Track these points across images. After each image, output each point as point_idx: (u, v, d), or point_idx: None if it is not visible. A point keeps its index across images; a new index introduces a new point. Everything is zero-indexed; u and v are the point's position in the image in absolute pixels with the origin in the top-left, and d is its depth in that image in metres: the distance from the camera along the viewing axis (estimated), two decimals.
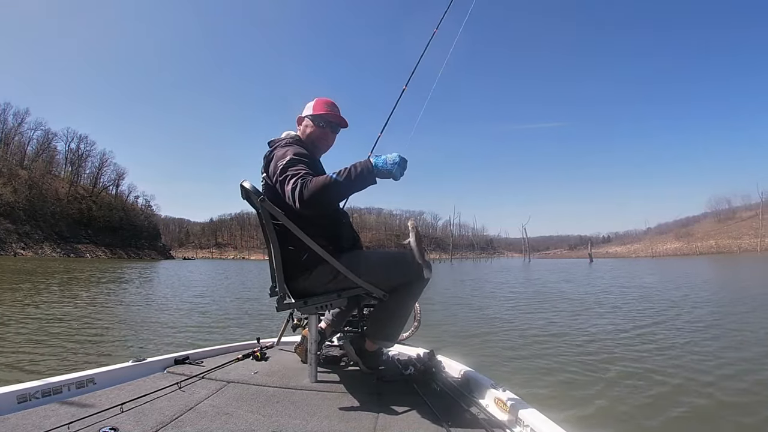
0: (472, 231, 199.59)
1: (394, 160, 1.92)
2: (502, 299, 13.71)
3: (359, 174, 1.91)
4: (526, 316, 9.89)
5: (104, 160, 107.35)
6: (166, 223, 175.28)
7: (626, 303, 11.84)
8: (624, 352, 5.97)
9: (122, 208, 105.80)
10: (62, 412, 1.71)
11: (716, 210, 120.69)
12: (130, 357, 2.39)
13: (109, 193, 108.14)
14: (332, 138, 2.46)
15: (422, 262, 2.08)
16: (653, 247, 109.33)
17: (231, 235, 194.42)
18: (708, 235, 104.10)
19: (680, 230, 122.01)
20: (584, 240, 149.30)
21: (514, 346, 6.60)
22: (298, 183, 1.90)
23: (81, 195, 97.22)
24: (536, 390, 4.39)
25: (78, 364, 5.16)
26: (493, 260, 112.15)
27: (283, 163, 2.04)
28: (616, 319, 9.08)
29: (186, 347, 3.47)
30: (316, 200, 1.88)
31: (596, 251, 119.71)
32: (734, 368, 5.08)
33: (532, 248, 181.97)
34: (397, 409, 1.87)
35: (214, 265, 60.30)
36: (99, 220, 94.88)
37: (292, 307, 2.26)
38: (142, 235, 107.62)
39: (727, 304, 11.17)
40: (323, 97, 2.45)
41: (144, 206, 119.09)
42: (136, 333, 7.57)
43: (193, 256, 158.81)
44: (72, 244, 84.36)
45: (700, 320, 8.59)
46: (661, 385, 4.51)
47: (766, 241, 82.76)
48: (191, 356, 2.59)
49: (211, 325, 8.76)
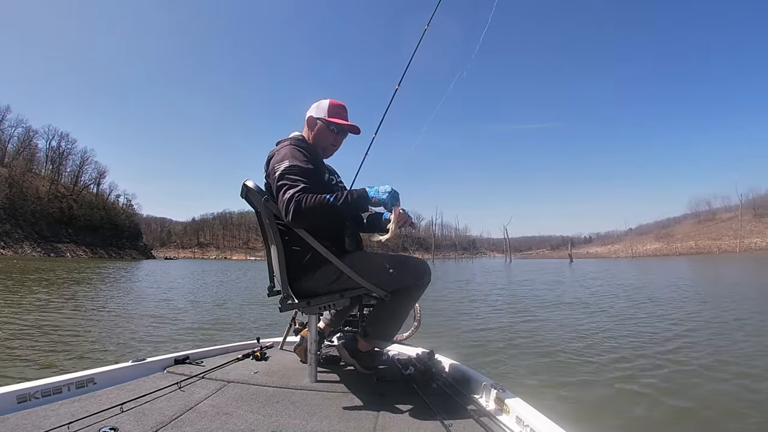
0: (455, 231, 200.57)
1: (386, 190, 2.05)
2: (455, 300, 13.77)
3: (354, 200, 2.01)
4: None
5: (85, 158, 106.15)
6: (148, 223, 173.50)
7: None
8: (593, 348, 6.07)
9: (103, 206, 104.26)
10: (62, 412, 1.70)
11: (696, 211, 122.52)
12: (129, 357, 2.37)
13: (90, 191, 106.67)
14: (341, 143, 2.47)
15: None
16: (633, 247, 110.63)
17: (213, 234, 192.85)
18: (688, 236, 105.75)
19: (660, 231, 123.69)
20: (566, 240, 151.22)
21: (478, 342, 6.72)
22: (294, 196, 1.92)
23: (62, 193, 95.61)
24: (536, 389, 4.41)
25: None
26: (475, 260, 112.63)
27: (280, 169, 2.05)
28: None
29: (186, 347, 3.43)
30: (309, 218, 1.97)
31: (577, 252, 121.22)
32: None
33: (514, 248, 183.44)
34: (397, 409, 1.87)
35: (198, 265, 59.38)
36: (80, 219, 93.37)
37: (295, 308, 2.26)
38: (123, 234, 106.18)
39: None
40: (336, 100, 2.43)
41: (125, 205, 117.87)
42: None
43: (175, 255, 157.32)
44: (52, 244, 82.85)
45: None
46: (661, 385, 4.53)
47: (745, 242, 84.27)
48: (191, 356, 2.58)
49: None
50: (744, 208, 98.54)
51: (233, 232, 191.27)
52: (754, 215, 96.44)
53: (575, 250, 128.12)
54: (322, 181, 2.25)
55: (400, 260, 2.27)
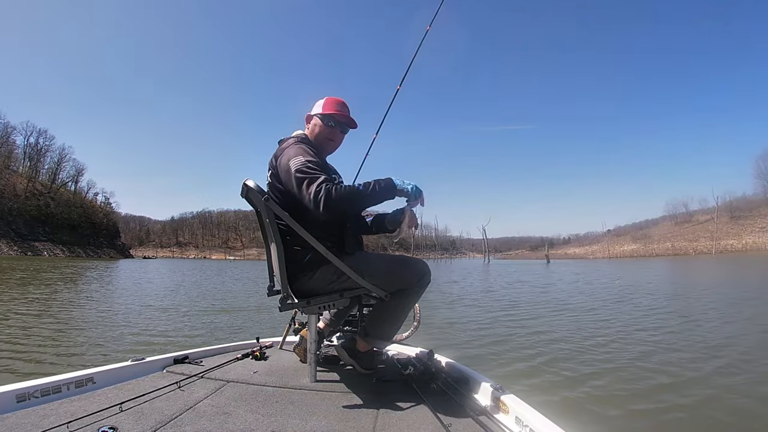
0: (435, 231, 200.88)
1: (410, 183, 2.12)
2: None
3: (382, 189, 2.06)
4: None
5: (63, 155, 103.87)
6: (126, 221, 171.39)
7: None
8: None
9: (81, 205, 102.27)
10: (61, 411, 1.69)
11: (674, 213, 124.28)
12: (128, 356, 2.35)
13: (68, 189, 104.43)
14: (340, 138, 2.45)
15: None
16: (611, 248, 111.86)
17: (192, 234, 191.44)
18: (665, 237, 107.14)
19: (637, 232, 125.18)
20: (545, 241, 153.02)
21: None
22: (322, 188, 1.92)
23: (39, 191, 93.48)
24: (535, 389, 4.45)
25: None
26: (454, 261, 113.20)
27: (297, 164, 2.04)
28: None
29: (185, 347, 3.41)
30: (341, 207, 1.98)
31: (555, 252, 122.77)
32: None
33: (495, 249, 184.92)
34: (396, 409, 1.88)
35: (179, 265, 58.61)
36: (57, 218, 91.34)
37: (295, 308, 2.25)
38: (101, 233, 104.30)
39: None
40: (333, 96, 2.43)
41: (103, 203, 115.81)
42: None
43: (154, 255, 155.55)
44: (29, 242, 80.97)
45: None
46: (661, 385, 4.57)
47: (721, 243, 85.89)
48: (190, 356, 2.57)
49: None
50: (720, 211, 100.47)
51: (212, 231, 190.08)
52: (731, 217, 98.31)
53: (554, 250, 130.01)
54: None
55: (401, 261, 2.29)
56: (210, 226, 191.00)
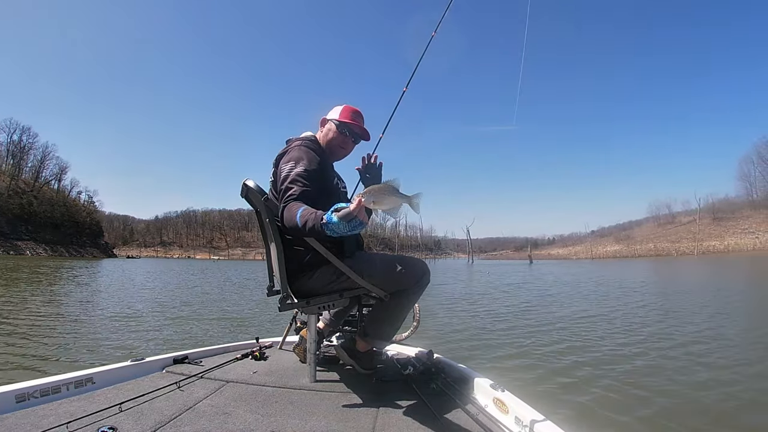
0: (420, 231, 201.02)
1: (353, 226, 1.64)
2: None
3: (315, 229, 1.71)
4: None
5: (46, 153, 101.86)
6: (110, 220, 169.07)
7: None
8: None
9: (64, 203, 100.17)
10: (61, 411, 1.69)
11: (657, 214, 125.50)
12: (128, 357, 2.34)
13: (51, 187, 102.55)
14: (351, 147, 2.46)
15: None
16: (594, 249, 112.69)
17: (177, 233, 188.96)
18: (647, 238, 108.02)
19: (620, 233, 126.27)
20: (530, 242, 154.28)
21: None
22: (285, 207, 1.91)
23: (22, 189, 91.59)
24: (535, 389, 4.44)
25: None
26: (438, 261, 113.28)
27: (289, 172, 2.04)
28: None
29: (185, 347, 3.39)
30: (292, 233, 1.96)
31: (539, 253, 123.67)
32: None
33: (480, 249, 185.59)
34: (396, 409, 1.89)
35: (164, 265, 58.02)
36: (40, 216, 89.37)
37: (294, 307, 2.25)
38: (84, 232, 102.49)
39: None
40: (351, 105, 2.44)
41: (87, 202, 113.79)
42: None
43: (138, 254, 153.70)
44: (12, 241, 79.36)
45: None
46: (661, 384, 4.59)
47: (703, 245, 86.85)
48: (190, 356, 2.57)
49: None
50: (703, 212, 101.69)
51: (197, 231, 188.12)
52: (713, 219, 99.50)
53: (538, 251, 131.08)
54: (327, 184, 2.25)
55: (400, 261, 2.29)
56: (194, 226, 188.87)
